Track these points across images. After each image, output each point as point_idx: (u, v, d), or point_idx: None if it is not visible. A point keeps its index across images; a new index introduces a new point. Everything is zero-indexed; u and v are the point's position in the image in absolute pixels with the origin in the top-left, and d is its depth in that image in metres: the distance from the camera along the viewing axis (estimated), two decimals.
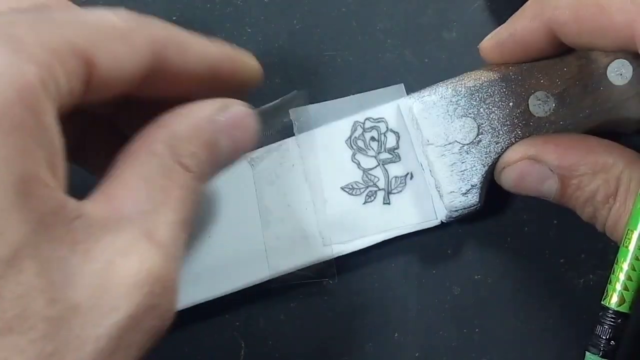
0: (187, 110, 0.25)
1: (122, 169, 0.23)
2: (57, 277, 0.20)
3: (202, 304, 0.35)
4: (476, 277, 0.36)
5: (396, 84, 0.37)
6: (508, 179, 0.33)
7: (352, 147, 0.36)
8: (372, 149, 0.35)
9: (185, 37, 0.26)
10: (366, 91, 0.38)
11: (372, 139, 0.36)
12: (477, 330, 0.36)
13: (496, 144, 0.33)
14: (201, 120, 0.25)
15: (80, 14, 0.24)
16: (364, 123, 0.36)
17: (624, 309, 0.28)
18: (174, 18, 0.40)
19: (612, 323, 0.28)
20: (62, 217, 0.21)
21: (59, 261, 0.20)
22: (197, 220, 0.27)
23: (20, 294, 0.19)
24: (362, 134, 0.36)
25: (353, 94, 0.38)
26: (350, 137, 0.36)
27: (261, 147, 0.36)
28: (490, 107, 0.34)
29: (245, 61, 0.30)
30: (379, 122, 0.36)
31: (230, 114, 0.26)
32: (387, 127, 0.36)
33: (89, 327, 0.20)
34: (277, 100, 0.34)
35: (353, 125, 0.36)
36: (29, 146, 0.20)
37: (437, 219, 0.35)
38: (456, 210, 0.34)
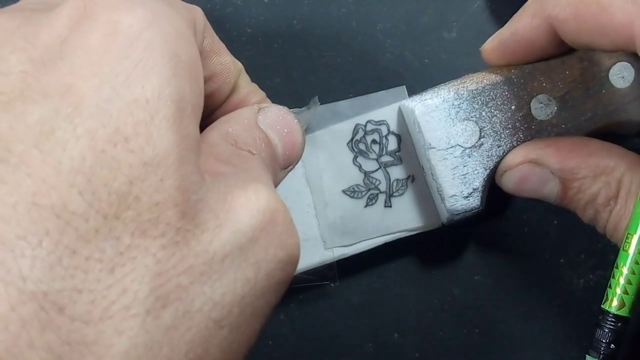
0: (234, 114, 0.27)
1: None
2: (191, 195, 0.21)
3: None
4: (476, 277, 0.37)
5: (396, 84, 0.37)
6: (509, 182, 0.33)
7: (353, 149, 0.35)
8: (374, 151, 0.35)
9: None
10: (366, 91, 0.37)
11: (374, 141, 0.35)
12: (477, 330, 0.36)
13: (498, 147, 0.33)
14: (246, 117, 0.27)
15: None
16: (365, 126, 0.35)
17: (624, 312, 0.28)
18: None
19: (612, 327, 0.28)
20: (197, 143, 0.22)
21: (194, 183, 0.21)
22: None
23: (157, 201, 0.20)
24: (364, 136, 0.35)
25: (353, 95, 0.38)
26: (351, 139, 0.35)
27: None
28: (493, 110, 0.33)
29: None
30: (380, 124, 0.35)
31: (268, 111, 0.28)
32: (388, 130, 0.35)
33: (215, 241, 0.21)
34: (301, 109, 0.34)
35: (354, 128, 0.36)
36: (191, 76, 0.22)
37: (438, 222, 0.35)
38: (458, 214, 0.34)
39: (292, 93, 0.39)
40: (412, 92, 0.35)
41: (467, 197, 0.34)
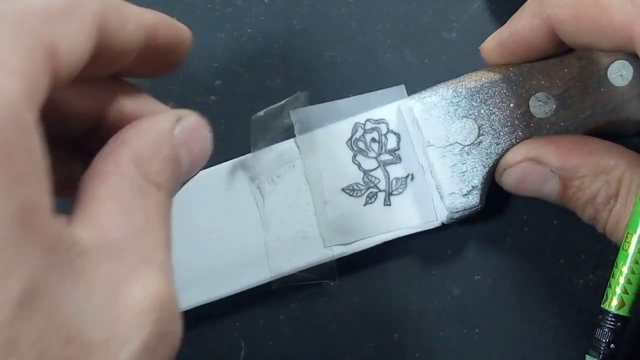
0: (146, 126, 0.25)
1: (96, 191, 0.22)
2: (68, 312, 0.19)
3: (202, 305, 0.35)
4: (476, 277, 0.36)
5: (396, 84, 0.37)
6: (509, 180, 0.33)
7: (352, 148, 0.35)
8: (373, 150, 0.35)
9: (122, 5, 0.25)
10: (366, 91, 0.37)
11: (373, 140, 0.35)
12: (477, 330, 0.36)
13: (497, 145, 0.33)
14: (161, 135, 0.24)
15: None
16: (364, 124, 0.35)
17: (623, 312, 0.28)
18: (174, 18, 0.39)
19: (611, 326, 0.28)
20: (61, 247, 0.19)
21: (66, 295, 0.19)
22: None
23: (37, 337, 0.18)
24: (363, 135, 0.35)
25: (353, 94, 0.38)
26: (351, 138, 0.35)
27: (262, 148, 0.35)
28: (491, 108, 0.33)
29: (177, 24, 0.29)
30: (379, 123, 0.35)
31: (186, 126, 0.25)
32: (387, 129, 0.35)
33: None
34: (279, 103, 0.34)
35: (354, 127, 0.36)
36: (24, 171, 0.19)
37: (437, 220, 0.35)
38: (457, 212, 0.34)
39: (292, 93, 0.38)
40: (412, 92, 0.35)
41: (466, 194, 0.33)
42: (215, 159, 0.30)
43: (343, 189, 0.35)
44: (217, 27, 0.39)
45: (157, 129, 0.25)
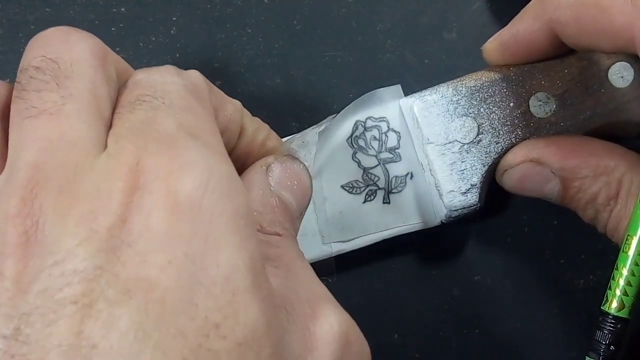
0: (247, 185, 0.27)
1: None
2: (285, 354, 0.21)
3: None
4: (476, 277, 0.36)
5: (396, 84, 0.37)
6: (510, 181, 0.33)
7: (352, 145, 0.35)
8: (373, 148, 0.35)
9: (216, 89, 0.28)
10: (366, 91, 0.37)
11: (373, 138, 0.35)
12: (477, 330, 0.36)
13: (496, 144, 0.33)
14: (263, 188, 0.27)
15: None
16: (365, 122, 0.35)
17: (623, 314, 0.28)
18: (174, 18, 0.39)
19: (611, 328, 0.28)
20: (276, 301, 0.22)
21: (282, 338, 0.21)
22: None
23: None
24: (363, 132, 0.35)
25: (353, 94, 0.38)
26: (351, 136, 0.35)
27: None
28: (491, 107, 0.33)
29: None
30: (380, 121, 0.35)
31: (276, 170, 0.28)
32: (388, 127, 0.35)
33: None
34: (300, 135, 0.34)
35: (354, 125, 0.35)
36: (252, 228, 0.21)
37: (437, 219, 0.34)
38: (456, 210, 0.34)
39: (292, 93, 0.38)
40: (412, 92, 0.35)
41: (465, 193, 0.33)
42: None
43: (342, 186, 0.35)
44: (217, 27, 0.39)
45: (254, 186, 0.28)
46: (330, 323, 0.22)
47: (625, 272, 0.28)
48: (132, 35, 0.39)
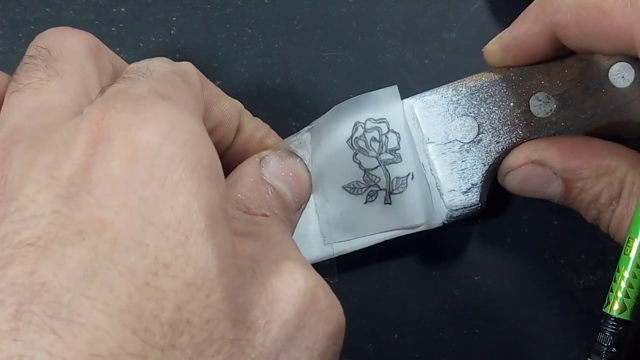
0: (238, 174, 0.28)
1: None
2: (237, 299, 0.21)
3: None
4: (476, 277, 0.36)
5: (396, 84, 0.36)
6: (512, 182, 0.33)
7: (353, 147, 0.35)
8: (373, 149, 0.35)
9: (210, 84, 0.29)
10: (366, 92, 0.37)
11: (373, 139, 0.35)
12: (477, 330, 0.36)
13: (497, 143, 0.33)
14: (255, 176, 0.28)
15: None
16: (364, 123, 0.35)
17: (625, 316, 0.28)
18: (174, 18, 0.39)
19: (613, 330, 0.28)
20: (231, 244, 0.22)
21: (237, 286, 0.21)
22: None
23: (208, 319, 0.20)
24: (363, 134, 0.35)
25: (353, 94, 0.37)
26: (351, 137, 0.35)
27: None
28: (491, 106, 0.33)
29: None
30: (380, 122, 0.35)
31: (270, 162, 0.29)
32: (388, 128, 0.35)
33: (267, 340, 0.21)
34: (298, 134, 0.34)
35: (354, 126, 0.35)
36: (215, 179, 0.22)
37: (438, 220, 0.34)
38: (457, 210, 0.33)
39: (292, 93, 0.38)
40: (412, 92, 0.35)
41: (465, 192, 0.33)
42: None
43: (343, 187, 0.35)
44: (217, 27, 0.39)
45: (245, 175, 0.28)
46: (294, 278, 0.23)
47: (626, 274, 0.28)
48: (132, 35, 0.39)
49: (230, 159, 0.30)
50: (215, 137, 0.28)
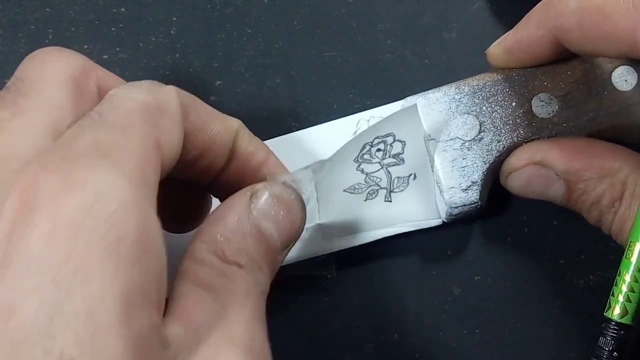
0: (221, 211, 0.26)
1: (181, 287, 0.24)
2: None
3: None
4: (476, 277, 0.36)
5: (396, 84, 0.37)
6: (514, 184, 0.33)
7: (358, 161, 0.35)
8: (377, 157, 0.35)
9: (200, 105, 0.27)
10: (366, 91, 0.37)
11: (378, 150, 0.35)
12: (477, 330, 0.35)
13: (498, 142, 0.33)
14: (241, 214, 0.26)
15: (145, 100, 0.24)
16: (372, 142, 0.35)
17: (626, 320, 0.28)
18: (174, 18, 0.39)
19: (614, 334, 0.28)
20: (154, 339, 0.20)
21: None
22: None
23: None
24: (369, 150, 0.35)
25: (353, 94, 0.38)
26: (357, 156, 0.35)
27: None
28: (493, 106, 0.33)
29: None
30: (387, 136, 0.35)
31: (262, 199, 0.26)
32: (394, 139, 0.35)
33: None
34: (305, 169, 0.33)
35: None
36: (139, 258, 0.20)
37: (438, 218, 0.34)
38: (456, 207, 0.33)
39: (292, 93, 0.38)
40: (412, 92, 0.35)
41: (465, 190, 0.33)
42: None
43: (345, 190, 0.35)
44: (217, 27, 0.39)
45: (231, 212, 0.26)
46: None
47: (628, 278, 0.28)
48: (132, 35, 0.39)
49: (223, 184, 0.29)
50: (200, 165, 0.27)
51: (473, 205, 0.33)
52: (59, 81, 0.24)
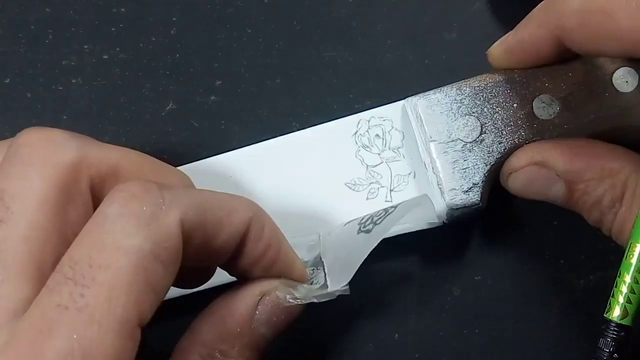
0: (229, 314, 0.26)
1: None
2: None
3: (200, 300, 0.34)
4: (476, 277, 0.36)
5: (396, 84, 0.36)
6: (515, 184, 0.33)
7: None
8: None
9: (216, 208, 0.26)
10: (366, 91, 0.37)
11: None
12: (477, 331, 0.35)
13: (499, 143, 0.33)
14: (243, 322, 0.26)
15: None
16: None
17: (626, 322, 0.28)
18: (174, 18, 0.39)
19: (615, 336, 0.28)
20: None
21: None
22: None
23: None
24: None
25: (353, 94, 0.38)
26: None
27: None
28: (494, 107, 0.33)
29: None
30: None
31: (271, 303, 0.27)
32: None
33: None
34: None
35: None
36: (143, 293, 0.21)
37: (439, 218, 0.34)
38: (457, 209, 0.33)
39: (292, 93, 0.38)
40: (413, 92, 0.34)
41: (466, 191, 0.33)
42: None
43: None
44: (217, 27, 0.39)
45: (236, 317, 0.26)
46: None
47: (628, 279, 0.28)
48: (132, 35, 0.38)
49: (231, 267, 0.28)
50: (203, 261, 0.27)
51: (474, 207, 0.33)
52: (38, 197, 0.23)
